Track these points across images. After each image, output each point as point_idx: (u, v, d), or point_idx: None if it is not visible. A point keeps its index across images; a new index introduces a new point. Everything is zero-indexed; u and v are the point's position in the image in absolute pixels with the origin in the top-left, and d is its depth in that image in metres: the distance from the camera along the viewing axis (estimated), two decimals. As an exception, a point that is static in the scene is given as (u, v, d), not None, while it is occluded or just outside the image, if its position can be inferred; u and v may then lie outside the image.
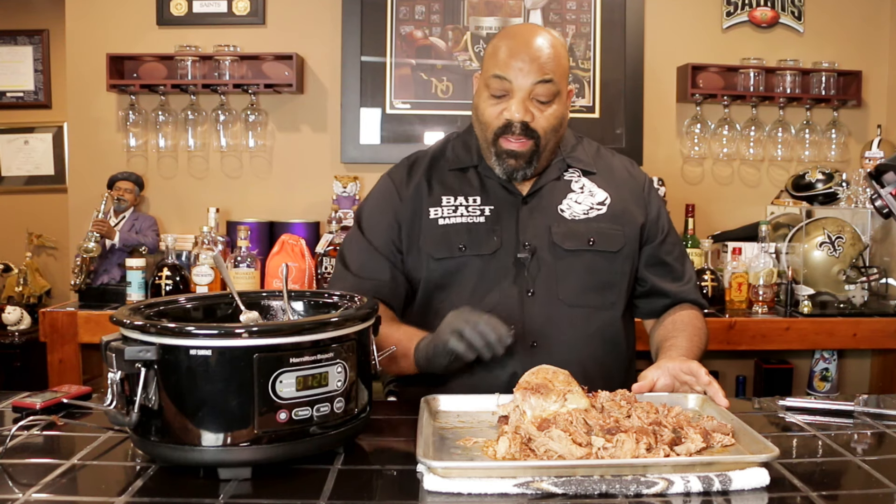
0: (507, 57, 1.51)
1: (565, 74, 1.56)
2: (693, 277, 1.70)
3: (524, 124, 1.51)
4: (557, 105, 1.54)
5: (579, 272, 1.56)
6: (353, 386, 1.10)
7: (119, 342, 1.03)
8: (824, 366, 3.03)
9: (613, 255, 1.58)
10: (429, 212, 1.59)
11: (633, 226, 1.61)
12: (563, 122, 1.57)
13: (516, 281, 1.54)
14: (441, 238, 1.56)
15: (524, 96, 1.51)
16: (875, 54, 3.28)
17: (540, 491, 0.97)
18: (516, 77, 1.50)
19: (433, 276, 1.57)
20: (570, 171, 1.64)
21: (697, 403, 1.26)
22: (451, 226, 1.57)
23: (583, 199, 1.61)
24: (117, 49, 3.08)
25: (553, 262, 1.55)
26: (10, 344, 3.62)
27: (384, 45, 3.15)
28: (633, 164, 1.73)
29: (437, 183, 1.63)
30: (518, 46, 1.52)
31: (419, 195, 1.62)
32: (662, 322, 1.64)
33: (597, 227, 1.58)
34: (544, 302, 1.54)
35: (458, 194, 1.61)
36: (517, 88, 1.51)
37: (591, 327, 1.56)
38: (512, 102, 1.51)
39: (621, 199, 1.63)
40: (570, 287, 1.55)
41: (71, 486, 1.01)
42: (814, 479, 1.03)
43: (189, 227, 3.09)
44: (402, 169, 1.68)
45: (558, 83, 1.52)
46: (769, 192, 3.25)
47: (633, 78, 3.18)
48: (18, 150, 4.13)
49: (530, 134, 1.52)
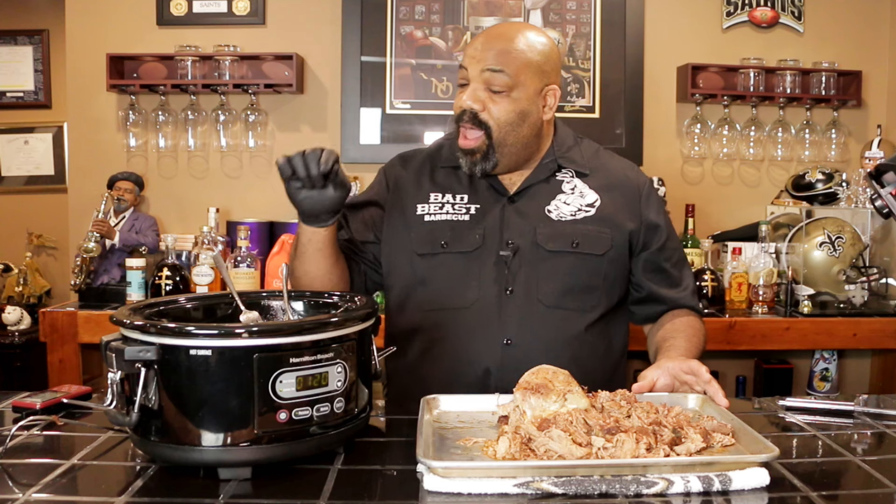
0: (470, 48, 1.54)
1: (530, 70, 1.51)
2: (691, 284, 1.69)
3: (472, 113, 1.51)
4: (515, 98, 1.51)
5: (560, 274, 1.54)
6: (353, 386, 1.10)
7: (119, 342, 1.03)
8: (824, 366, 3.03)
9: (597, 259, 1.56)
10: (416, 208, 1.60)
11: (622, 230, 1.59)
12: (523, 117, 1.53)
13: (496, 279, 1.54)
14: (426, 234, 1.57)
15: (476, 85, 1.51)
16: (875, 54, 3.29)
17: (540, 491, 0.97)
18: (470, 64, 1.52)
19: (417, 272, 1.58)
20: (563, 172, 1.62)
21: (697, 403, 1.26)
22: (435, 223, 1.58)
23: (572, 200, 1.60)
24: (117, 49, 3.08)
25: (535, 263, 1.54)
26: (10, 344, 3.62)
27: (384, 45, 3.15)
28: (633, 167, 1.70)
29: (428, 180, 1.64)
30: (482, 36, 1.55)
31: (408, 189, 1.63)
32: (661, 325, 1.64)
33: (583, 230, 1.56)
34: (522, 301, 1.53)
35: (446, 192, 1.62)
36: (471, 77, 1.52)
37: (569, 330, 1.54)
38: (467, 90, 1.52)
39: (612, 203, 1.61)
40: (550, 288, 1.54)
41: (71, 486, 1.01)
42: (814, 479, 1.03)
43: (189, 227, 3.09)
44: (394, 163, 1.71)
45: (513, 76, 1.49)
46: (769, 192, 3.25)
47: (633, 78, 3.18)
48: (18, 150, 4.13)
49: (479, 124, 1.51)
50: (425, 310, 1.57)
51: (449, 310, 1.55)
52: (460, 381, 1.50)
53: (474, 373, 1.51)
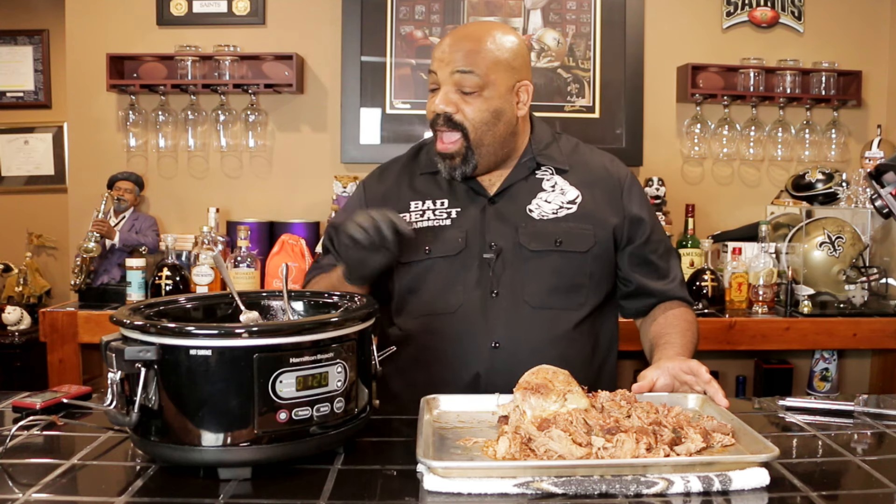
0: (437, 51, 1.54)
1: (499, 68, 1.51)
2: (679, 275, 1.68)
3: (447, 116, 1.51)
4: (487, 97, 1.51)
5: (545, 274, 1.54)
6: (353, 386, 1.10)
7: (119, 342, 1.03)
8: (824, 366, 3.03)
9: (582, 256, 1.55)
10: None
11: (605, 226, 1.58)
12: (497, 115, 1.53)
13: (480, 282, 1.53)
14: (408, 242, 1.56)
15: (447, 88, 1.51)
16: (875, 54, 3.29)
17: (540, 491, 0.97)
18: (439, 68, 1.52)
19: (403, 280, 1.58)
20: (543, 170, 1.61)
21: (697, 403, 1.26)
22: (418, 230, 1.56)
23: (553, 197, 1.59)
24: (117, 49, 3.08)
25: (518, 264, 1.54)
26: (10, 344, 3.62)
27: (384, 45, 3.15)
28: (613, 161, 1.69)
29: (407, 188, 1.64)
30: (444, 41, 1.55)
31: (388, 202, 1.61)
32: (654, 319, 1.63)
33: (565, 227, 1.55)
34: (508, 303, 1.52)
35: (426, 198, 1.61)
36: (441, 81, 1.52)
37: (557, 329, 1.53)
38: (438, 94, 1.52)
39: (594, 198, 1.60)
40: (535, 288, 1.53)
41: (71, 486, 1.01)
42: (814, 479, 1.03)
43: (189, 227, 3.09)
44: (373, 176, 1.71)
45: (482, 76, 1.50)
46: (769, 192, 3.25)
47: (633, 78, 3.18)
48: (18, 150, 4.13)
49: (455, 126, 1.52)
50: (414, 316, 1.57)
51: (436, 315, 1.54)
52: (450, 386, 1.49)
53: (464, 378, 1.51)
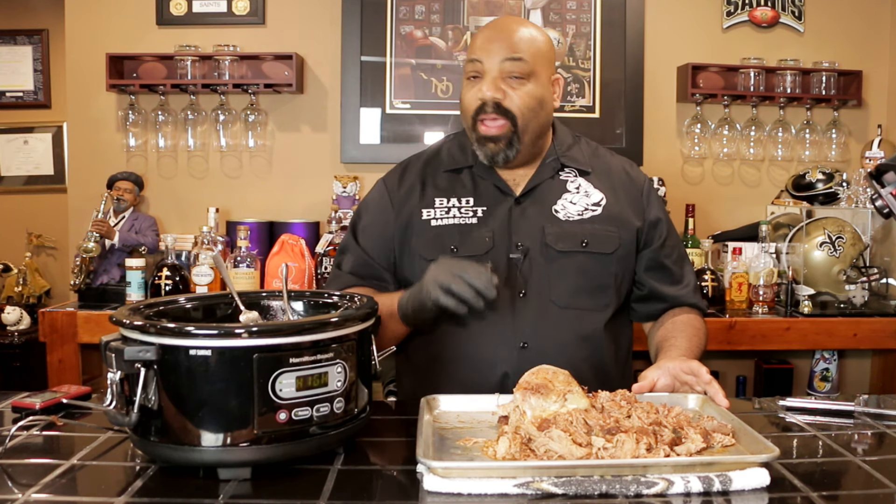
0: (479, 41, 1.56)
1: (542, 58, 1.55)
2: (692, 281, 1.69)
3: (496, 103, 1.52)
4: (533, 85, 1.53)
5: (571, 274, 1.54)
6: (353, 386, 1.09)
7: (119, 342, 1.03)
8: (824, 366, 3.03)
9: (607, 257, 1.56)
10: (421, 213, 1.59)
11: (629, 228, 1.60)
12: (541, 103, 1.55)
13: (508, 282, 1.53)
14: (433, 239, 1.56)
15: (495, 75, 1.52)
16: (875, 54, 3.29)
17: (540, 491, 0.96)
18: (486, 57, 1.53)
19: None
20: (566, 171, 1.63)
21: (697, 403, 1.25)
22: (443, 227, 1.57)
23: (578, 199, 1.60)
24: (117, 49, 3.08)
25: (545, 264, 1.54)
26: (9, 344, 3.62)
27: (384, 44, 3.15)
28: (632, 165, 1.71)
29: (431, 185, 1.63)
30: (489, 30, 1.57)
31: (412, 198, 1.61)
32: (662, 323, 1.63)
33: (591, 229, 1.57)
34: (536, 303, 1.53)
35: (451, 196, 1.61)
36: (488, 69, 1.52)
37: (583, 329, 1.54)
38: (484, 82, 1.53)
39: (617, 201, 1.61)
40: (562, 289, 1.54)
41: (71, 487, 1.01)
42: (814, 480, 1.03)
43: (189, 227, 3.09)
44: (395, 173, 1.69)
45: (531, 63, 1.52)
46: (769, 192, 3.25)
47: (633, 78, 3.18)
48: (18, 150, 4.13)
49: (504, 113, 1.52)
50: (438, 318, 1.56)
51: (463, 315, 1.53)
52: (478, 387, 1.48)
53: (492, 378, 1.50)
